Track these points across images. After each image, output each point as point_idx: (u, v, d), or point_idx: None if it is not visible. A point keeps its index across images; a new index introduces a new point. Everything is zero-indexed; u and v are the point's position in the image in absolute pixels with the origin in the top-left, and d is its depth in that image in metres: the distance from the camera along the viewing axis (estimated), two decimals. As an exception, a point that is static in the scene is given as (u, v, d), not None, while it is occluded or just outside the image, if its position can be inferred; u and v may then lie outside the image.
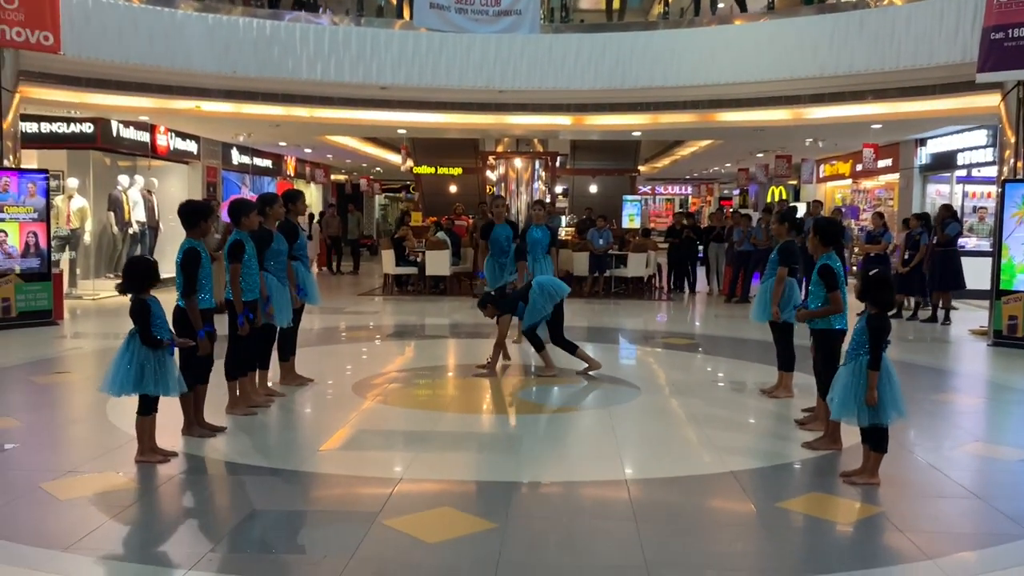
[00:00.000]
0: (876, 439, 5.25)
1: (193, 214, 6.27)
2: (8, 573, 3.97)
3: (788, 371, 7.79)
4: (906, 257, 13.62)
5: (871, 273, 5.36)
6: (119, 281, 5.69)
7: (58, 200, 14.96)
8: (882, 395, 5.09)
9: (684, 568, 4.20)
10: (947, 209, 14.13)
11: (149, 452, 5.60)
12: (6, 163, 11.97)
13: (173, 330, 5.72)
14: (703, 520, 4.94)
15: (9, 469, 5.64)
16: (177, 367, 5.65)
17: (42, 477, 5.29)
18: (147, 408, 5.58)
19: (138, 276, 5.54)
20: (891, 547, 4.53)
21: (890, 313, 5.24)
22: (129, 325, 5.56)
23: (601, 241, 16.81)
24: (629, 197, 27.02)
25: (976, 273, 13.57)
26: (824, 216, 13.83)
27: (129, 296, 5.55)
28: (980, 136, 16.62)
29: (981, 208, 17.98)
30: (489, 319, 8.84)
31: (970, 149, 17.12)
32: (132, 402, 5.67)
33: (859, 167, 21.54)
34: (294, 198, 7.96)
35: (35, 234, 11.93)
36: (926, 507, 5.13)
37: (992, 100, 12.05)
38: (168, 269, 6.60)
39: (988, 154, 16.39)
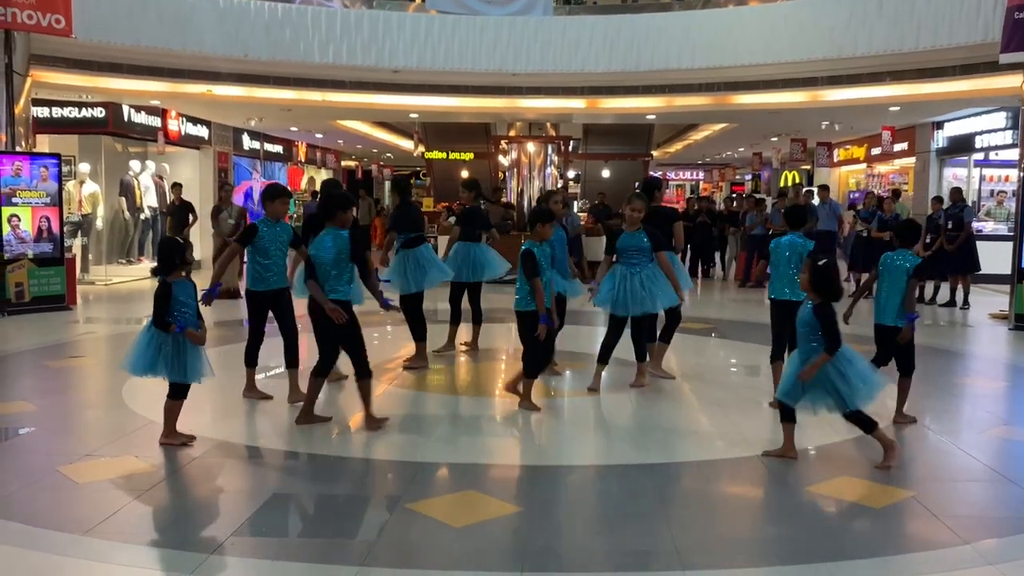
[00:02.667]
0: (860, 423, 5.18)
1: (336, 202, 6.02)
2: (27, 557, 3.91)
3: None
4: (927, 241, 13.46)
5: (820, 263, 5.23)
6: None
7: (70, 185, 14.92)
8: (847, 380, 5.02)
9: (714, 553, 4.12)
10: (959, 193, 14.01)
11: (173, 435, 5.53)
12: (19, 148, 11.92)
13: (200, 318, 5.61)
14: (732, 505, 4.85)
15: (26, 453, 5.59)
16: (202, 355, 5.51)
17: (59, 461, 5.23)
18: (176, 392, 5.51)
19: (162, 257, 5.47)
20: (926, 532, 4.43)
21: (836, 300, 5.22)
22: (141, 309, 5.50)
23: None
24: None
25: (994, 257, 13.41)
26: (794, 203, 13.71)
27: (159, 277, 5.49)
28: (999, 119, 16.39)
29: (1000, 192, 17.78)
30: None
31: (989, 132, 16.90)
32: (148, 386, 5.61)
33: (874, 151, 21.33)
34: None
35: (48, 219, 11.88)
36: (959, 491, 5.04)
37: (1014, 81, 11.84)
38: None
39: (1007, 137, 16.18)
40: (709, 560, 4.03)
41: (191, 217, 15.29)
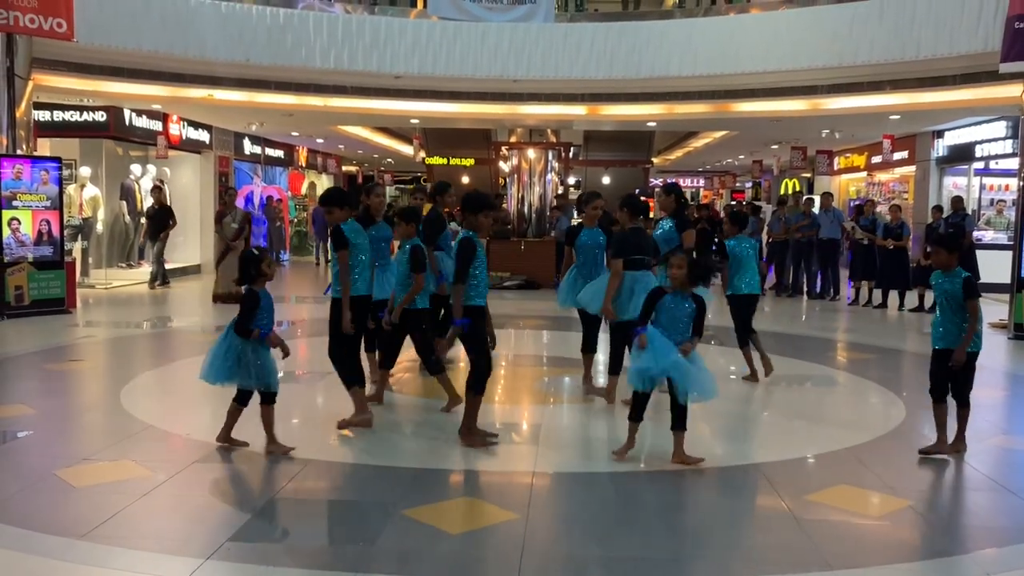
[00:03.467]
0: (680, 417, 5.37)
1: (476, 203, 5.87)
2: (24, 560, 3.90)
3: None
4: (928, 250, 13.45)
5: (697, 257, 5.43)
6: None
7: (70, 189, 14.93)
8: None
9: (713, 561, 4.11)
10: (960, 202, 14.03)
11: (275, 444, 5.53)
12: (20, 151, 11.92)
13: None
14: (730, 512, 4.84)
15: (23, 456, 5.59)
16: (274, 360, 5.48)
17: (57, 464, 5.22)
18: (242, 398, 5.52)
19: (242, 268, 5.49)
20: (924, 541, 4.43)
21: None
22: (141, 313, 5.49)
23: None
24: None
25: (994, 267, 13.41)
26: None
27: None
28: (999, 128, 16.41)
29: (1000, 201, 17.79)
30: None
31: (989, 141, 16.92)
32: (147, 390, 5.61)
33: (875, 159, 21.36)
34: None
35: (48, 222, 11.88)
36: (957, 501, 5.03)
37: (1014, 91, 11.86)
38: (180, 259, 6.51)
39: (1007, 146, 16.21)
40: (707, 568, 4.03)
41: (171, 221, 15.34)
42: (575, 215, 20.79)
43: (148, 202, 17.29)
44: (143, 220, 17.03)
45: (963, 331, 5.43)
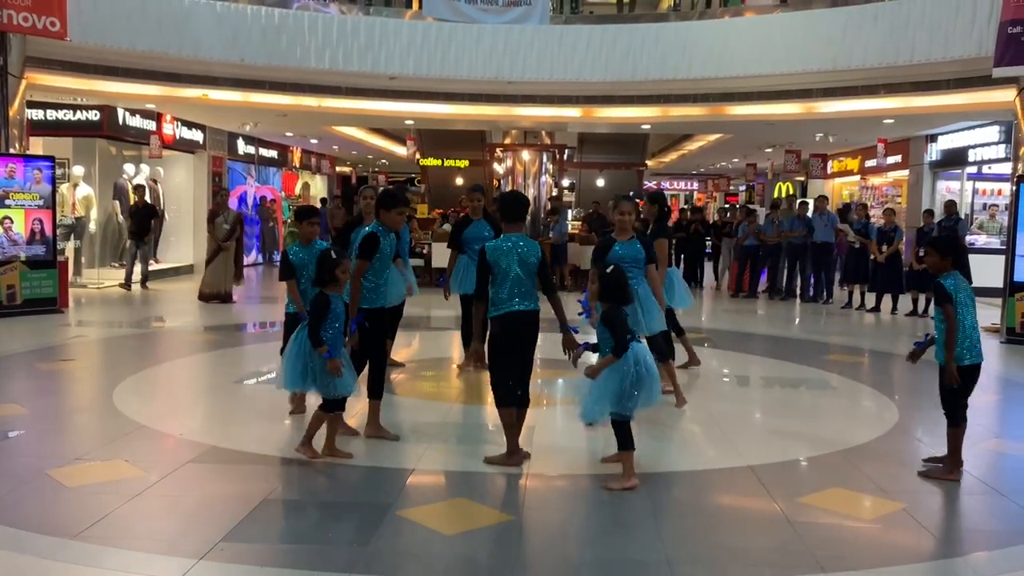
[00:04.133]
0: (620, 436, 5.09)
1: (389, 200, 5.91)
2: (15, 560, 3.89)
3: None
4: (921, 253, 13.51)
5: (608, 271, 5.20)
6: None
7: (63, 188, 14.88)
8: (623, 386, 4.95)
9: (706, 563, 4.11)
10: (953, 206, 14.08)
11: (307, 447, 5.45)
12: (12, 150, 11.89)
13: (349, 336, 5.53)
14: (724, 515, 4.85)
15: (15, 456, 5.56)
16: (349, 366, 5.42)
17: (49, 464, 5.20)
18: (328, 406, 5.41)
19: (320, 267, 5.39)
20: (917, 544, 4.44)
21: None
22: (133, 312, 5.46)
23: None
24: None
25: (986, 271, 13.45)
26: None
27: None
28: (992, 132, 16.48)
29: (992, 205, 17.86)
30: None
31: (982, 145, 16.98)
32: (139, 390, 5.59)
33: (868, 163, 21.42)
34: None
35: (40, 221, 11.85)
36: (950, 504, 5.04)
37: (1007, 95, 11.91)
38: (174, 259, 6.49)
39: (1000, 151, 16.27)
40: (700, 571, 4.03)
41: (154, 222, 15.27)
42: (569, 217, 20.87)
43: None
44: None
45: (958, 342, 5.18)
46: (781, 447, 6.10)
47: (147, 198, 15.94)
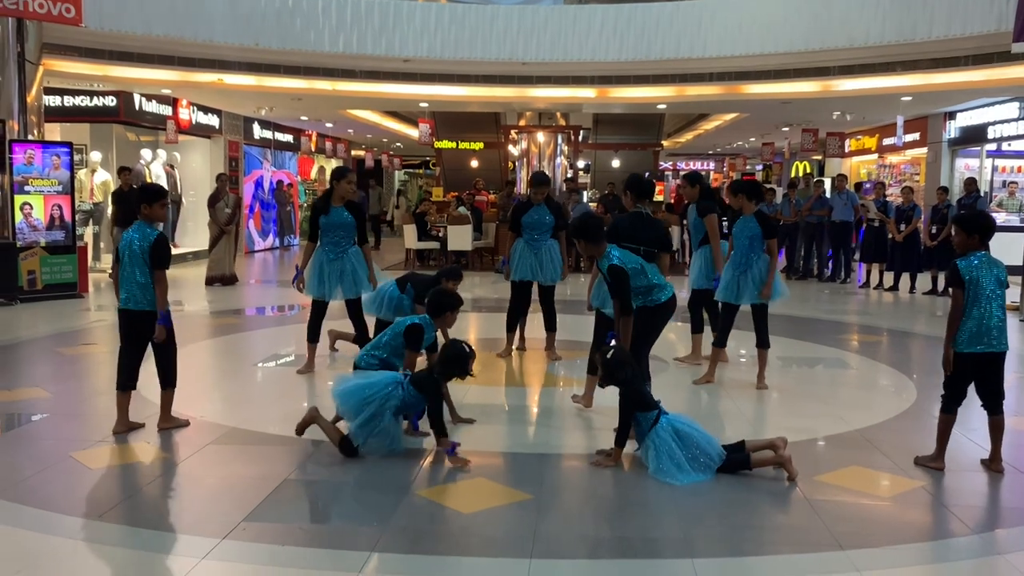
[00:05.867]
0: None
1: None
2: (41, 541, 3.95)
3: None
4: (933, 231, 13.43)
5: (608, 355, 5.10)
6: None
7: (81, 174, 14.96)
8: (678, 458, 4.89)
9: (723, 541, 4.13)
10: (973, 183, 13.96)
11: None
12: (30, 136, 11.97)
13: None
14: (741, 493, 4.85)
15: (40, 439, 5.64)
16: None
17: (72, 447, 5.27)
18: (349, 449, 5.23)
19: (449, 364, 5.24)
20: (935, 522, 4.45)
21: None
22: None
23: None
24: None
25: (1005, 248, 13.31)
26: None
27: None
28: (1012, 109, 16.31)
29: (1012, 183, 17.69)
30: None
31: (1001, 122, 16.81)
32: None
33: (886, 141, 21.24)
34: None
35: (60, 207, 11.94)
36: (968, 481, 5.03)
37: (1027, 71, 11.81)
38: (188, 243, 6.51)
39: (1020, 127, 16.13)
40: (718, 548, 4.05)
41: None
42: (585, 199, 20.81)
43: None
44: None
45: (973, 326, 4.99)
46: (799, 426, 6.10)
47: (133, 182, 15.82)
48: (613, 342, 5.44)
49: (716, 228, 7.84)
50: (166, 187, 17.01)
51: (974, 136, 17.93)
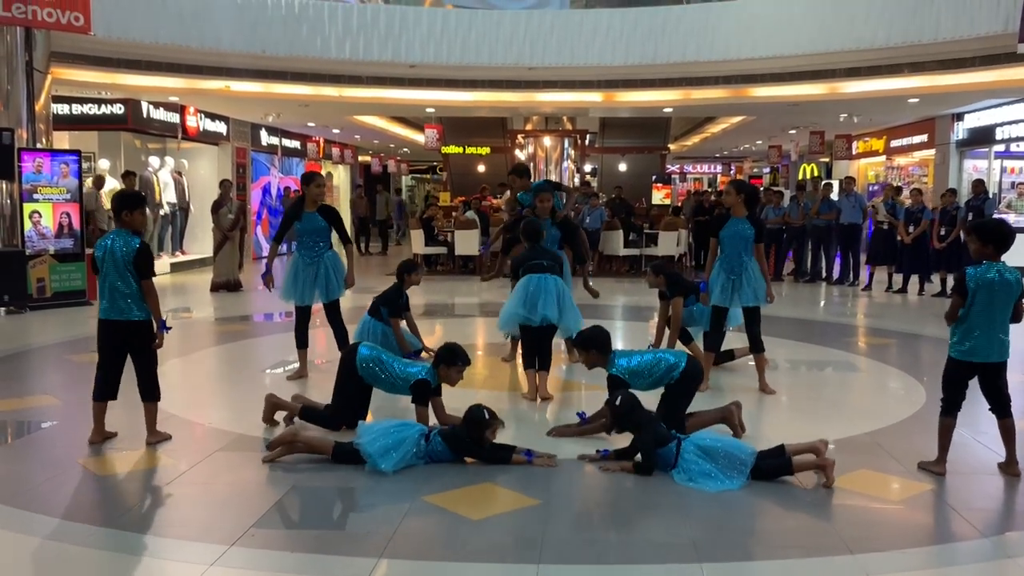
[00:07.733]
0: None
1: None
2: (52, 548, 3.96)
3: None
4: (942, 233, 13.39)
5: (617, 402, 5.13)
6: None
7: (88, 186, 14.99)
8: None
9: (733, 546, 4.12)
10: (981, 185, 13.91)
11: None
12: (39, 144, 12.02)
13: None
14: (750, 498, 4.84)
15: (49, 446, 5.66)
16: None
17: (81, 454, 5.29)
18: (343, 456, 5.20)
19: (470, 428, 5.22)
20: (945, 525, 4.43)
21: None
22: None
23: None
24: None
25: (1013, 250, 13.22)
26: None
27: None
28: (1020, 110, 16.26)
29: (1021, 184, 17.63)
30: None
31: (1009, 123, 16.76)
32: (170, 380, 5.66)
33: (894, 143, 21.20)
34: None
35: (68, 215, 11.99)
36: (978, 485, 5.01)
37: (1034, 72, 11.77)
38: (195, 251, 6.52)
39: (1029, 128, 16.06)
40: (727, 553, 4.03)
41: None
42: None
43: (168, 194, 17.35)
44: (161, 212, 17.06)
45: (976, 337, 4.97)
46: (808, 429, 6.08)
47: (168, 193, 15.94)
48: (588, 415, 5.72)
49: (680, 313, 7.72)
50: (174, 195, 17.25)
51: (982, 137, 17.88)
